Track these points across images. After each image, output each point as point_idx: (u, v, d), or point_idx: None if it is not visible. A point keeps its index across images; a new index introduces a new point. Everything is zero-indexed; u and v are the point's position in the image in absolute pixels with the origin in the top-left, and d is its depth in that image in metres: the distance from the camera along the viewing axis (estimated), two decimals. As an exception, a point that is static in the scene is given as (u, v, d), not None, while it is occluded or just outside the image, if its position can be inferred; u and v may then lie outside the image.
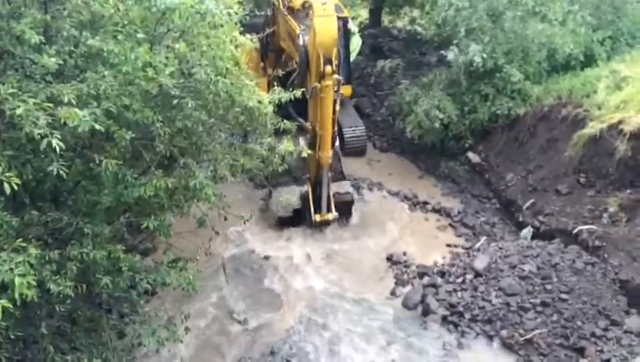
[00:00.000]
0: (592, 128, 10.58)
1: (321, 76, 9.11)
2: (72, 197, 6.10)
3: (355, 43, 14.70)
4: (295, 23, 11.01)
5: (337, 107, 10.03)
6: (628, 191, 9.95)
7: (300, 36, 9.98)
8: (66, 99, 4.71)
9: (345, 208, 11.74)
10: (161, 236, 6.23)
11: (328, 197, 10.93)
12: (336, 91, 9.47)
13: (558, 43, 12.39)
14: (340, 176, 12.16)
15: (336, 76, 9.20)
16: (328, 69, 8.98)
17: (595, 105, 10.99)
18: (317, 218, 10.97)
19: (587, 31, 12.97)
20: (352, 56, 14.68)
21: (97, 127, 4.71)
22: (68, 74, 5.56)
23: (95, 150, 5.47)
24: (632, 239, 9.47)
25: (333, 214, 11.01)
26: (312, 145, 10.23)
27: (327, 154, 10.11)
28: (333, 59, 9.04)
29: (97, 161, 5.20)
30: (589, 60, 12.89)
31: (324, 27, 8.88)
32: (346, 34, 13.88)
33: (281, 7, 12.35)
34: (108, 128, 5.11)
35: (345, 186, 11.94)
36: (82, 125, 4.57)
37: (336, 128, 10.31)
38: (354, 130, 14.36)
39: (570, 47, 12.39)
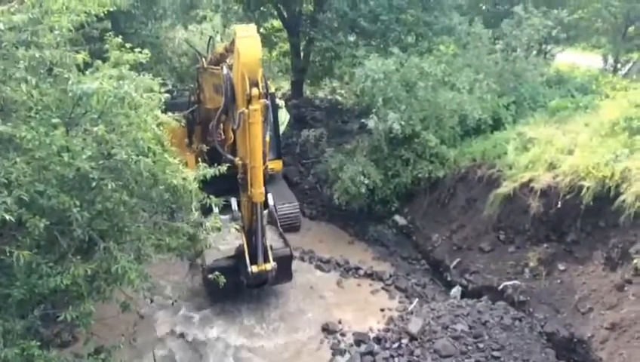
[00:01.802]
0: (506, 187, 11.19)
1: (248, 100, 8.70)
2: (-21, 292, 5.65)
3: (283, 117, 15.03)
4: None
5: (267, 138, 9.61)
6: (544, 245, 10.49)
7: (224, 67, 9.60)
8: (-27, 189, 4.46)
9: (283, 265, 10.75)
10: (80, 327, 5.83)
11: (265, 245, 10.17)
12: (264, 120, 9.11)
13: (468, 109, 13.24)
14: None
15: (263, 101, 8.87)
16: (255, 91, 8.60)
17: (507, 166, 11.68)
18: (254, 269, 9.98)
19: (493, 97, 13.97)
20: (281, 130, 14.90)
21: (8, 217, 4.46)
22: (-24, 161, 5.29)
23: (6, 240, 5.16)
24: (552, 292, 9.92)
25: (272, 264, 10.09)
26: (243, 186, 9.76)
27: (259, 190, 9.51)
28: (259, 81, 8.70)
29: (8, 253, 4.89)
30: (497, 124, 13.82)
31: (247, 47, 8.55)
32: (274, 109, 14.21)
33: (205, 64, 12.42)
34: (20, 217, 4.86)
35: (279, 241, 11.35)
36: (-9, 216, 4.32)
37: (267, 162, 9.84)
38: (287, 207, 14.11)
39: (479, 113, 13.26)
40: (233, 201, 11.06)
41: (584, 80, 15.66)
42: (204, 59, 12.87)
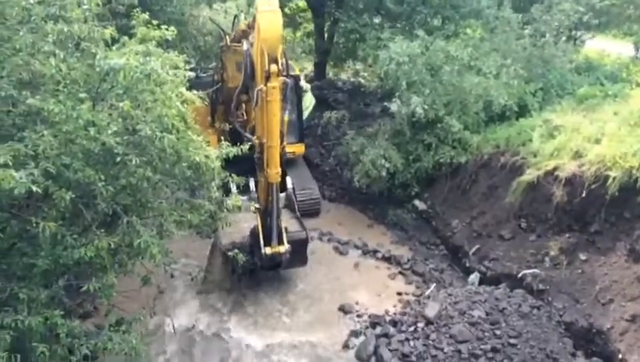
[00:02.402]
0: (530, 175, 11.04)
1: (267, 77, 8.46)
2: (6, 261, 5.80)
3: (308, 101, 14.86)
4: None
5: (285, 117, 9.44)
6: (567, 235, 10.35)
7: (244, 42, 9.42)
8: (1, 161, 4.55)
9: (298, 249, 10.62)
10: (102, 298, 5.96)
11: (279, 227, 10.04)
12: (284, 99, 8.87)
13: (494, 95, 13.02)
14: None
15: (282, 78, 8.63)
16: (274, 67, 8.36)
17: (531, 153, 11.50)
18: (267, 251, 9.84)
19: (520, 83, 13.69)
20: (305, 115, 14.80)
21: (35, 188, 4.55)
22: (4, 133, 5.40)
23: (32, 211, 5.27)
24: (573, 281, 9.82)
25: (285, 247, 9.97)
26: (259, 165, 9.60)
27: (275, 171, 9.32)
28: (278, 57, 8.46)
29: (34, 223, 5.00)
30: (523, 110, 13.58)
31: (268, 22, 8.29)
32: (298, 92, 14.14)
33: (228, 42, 12.36)
34: (46, 188, 4.95)
35: (296, 224, 11.23)
36: (19, 187, 4.41)
37: (285, 142, 9.64)
38: (307, 192, 14.05)
39: (504, 99, 13.03)
40: (251, 182, 11.07)
41: (614, 68, 15.28)
42: (227, 37, 12.84)
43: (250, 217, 10.36)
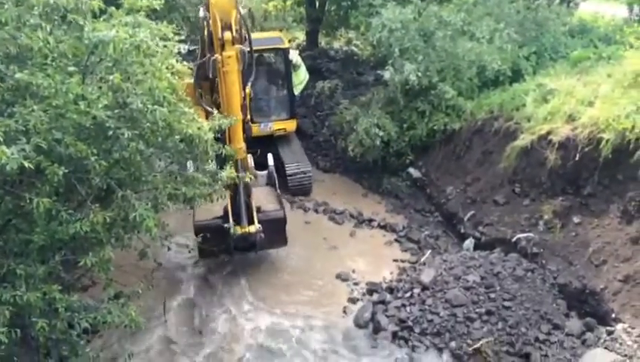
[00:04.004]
0: (523, 140, 11.03)
1: (221, 45, 8.06)
2: (2, 237, 5.80)
3: (302, 75, 14.47)
4: None
5: (248, 89, 9.03)
6: (560, 198, 10.41)
7: (201, 9, 8.73)
8: (-8, 137, 4.51)
9: (276, 229, 10.28)
10: (99, 272, 5.99)
11: (249, 205, 9.62)
12: (244, 69, 8.38)
13: (487, 60, 12.93)
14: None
15: (239, 46, 8.20)
16: (227, 35, 7.96)
17: (525, 118, 11.47)
18: (237, 230, 9.42)
19: (513, 47, 13.57)
20: (298, 90, 14.49)
21: (27, 164, 4.51)
22: (-6, 109, 5.34)
23: (26, 187, 5.24)
24: (566, 244, 9.92)
25: (256, 227, 9.54)
26: (223, 140, 8.87)
27: (238, 146, 8.87)
28: (232, 23, 8.05)
29: (28, 199, 4.98)
30: (517, 75, 13.50)
31: None
32: (287, 65, 13.92)
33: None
34: (39, 164, 4.92)
35: (274, 203, 10.73)
36: (10, 163, 4.38)
37: (247, 116, 9.12)
38: (298, 167, 13.74)
39: (498, 64, 12.94)
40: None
41: (608, 30, 15.12)
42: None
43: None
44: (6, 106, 5.35)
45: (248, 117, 8.85)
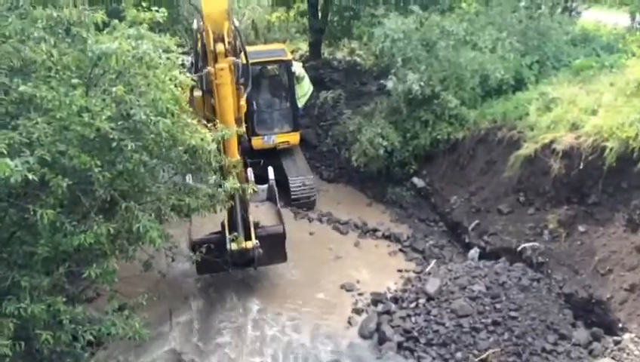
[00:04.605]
0: (527, 149, 11.01)
1: (214, 58, 7.98)
2: (6, 250, 5.81)
3: (306, 88, 14.43)
4: None
5: (242, 101, 8.89)
6: (565, 207, 10.37)
7: (195, 21, 8.62)
8: (-4, 149, 4.53)
9: (274, 244, 10.05)
10: (104, 284, 5.98)
11: (246, 220, 9.43)
12: (240, 82, 8.29)
13: (490, 69, 12.94)
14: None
15: (232, 58, 8.11)
16: (220, 47, 7.83)
17: (528, 127, 11.46)
18: (233, 246, 9.18)
19: (516, 56, 13.61)
20: (302, 102, 14.46)
21: (31, 176, 4.53)
22: (-2, 122, 5.38)
23: (30, 199, 5.26)
24: (572, 253, 9.86)
25: (253, 242, 9.30)
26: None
27: (233, 159, 8.67)
28: (225, 36, 7.92)
29: (32, 211, 5.00)
30: (520, 84, 13.50)
31: None
32: (290, 78, 13.93)
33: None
34: (43, 176, 4.94)
35: (273, 218, 10.52)
36: (14, 175, 4.40)
37: (243, 129, 8.96)
38: (301, 180, 13.59)
39: (501, 73, 12.95)
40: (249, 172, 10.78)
41: (610, 38, 15.13)
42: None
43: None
44: (10, 119, 5.39)
45: (244, 130, 8.63)
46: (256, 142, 13.68)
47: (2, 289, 5.42)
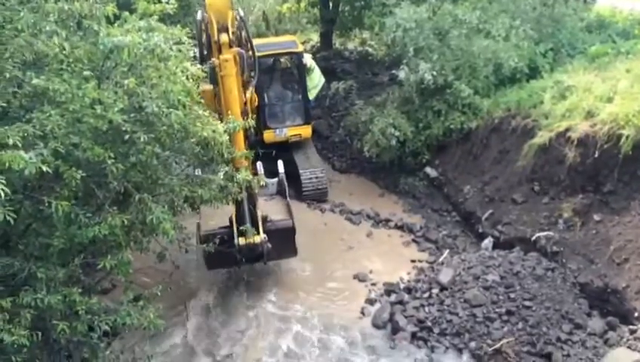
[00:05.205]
0: (542, 137, 10.89)
1: (218, 49, 7.86)
2: (23, 241, 5.89)
3: (316, 80, 14.33)
4: None
5: (249, 93, 8.84)
6: (580, 196, 10.26)
7: (199, 11, 8.50)
8: (11, 142, 4.57)
9: (284, 238, 9.95)
10: (119, 275, 6.04)
11: (255, 216, 9.40)
12: (244, 72, 8.16)
13: (503, 57, 12.79)
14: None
15: (237, 49, 8.02)
16: (224, 37, 7.74)
17: (543, 115, 11.33)
18: (241, 241, 9.18)
19: (530, 44, 13.44)
20: (313, 94, 14.38)
21: (45, 168, 4.58)
22: (12, 115, 5.42)
23: (44, 191, 5.32)
24: (587, 243, 9.77)
25: (261, 237, 9.28)
26: None
27: (239, 154, 8.54)
28: (229, 26, 7.82)
29: (47, 203, 5.05)
30: (534, 72, 13.35)
31: None
32: (301, 70, 13.86)
33: None
34: (57, 168, 4.98)
35: (283, 212, 10.46)
36: (29, 167, 4.44)
37: (251, 121, 8.57)
38: (312, 172, 13.52)
39: (514, 61, 12.79)
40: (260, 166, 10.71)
41: (626, 24, 14.88)
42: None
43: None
44: (24, 112, 5.43)
45: (252, 122, 8.44)
46: (268, 136, 13.67)
47: (19, 280, 5.49)
